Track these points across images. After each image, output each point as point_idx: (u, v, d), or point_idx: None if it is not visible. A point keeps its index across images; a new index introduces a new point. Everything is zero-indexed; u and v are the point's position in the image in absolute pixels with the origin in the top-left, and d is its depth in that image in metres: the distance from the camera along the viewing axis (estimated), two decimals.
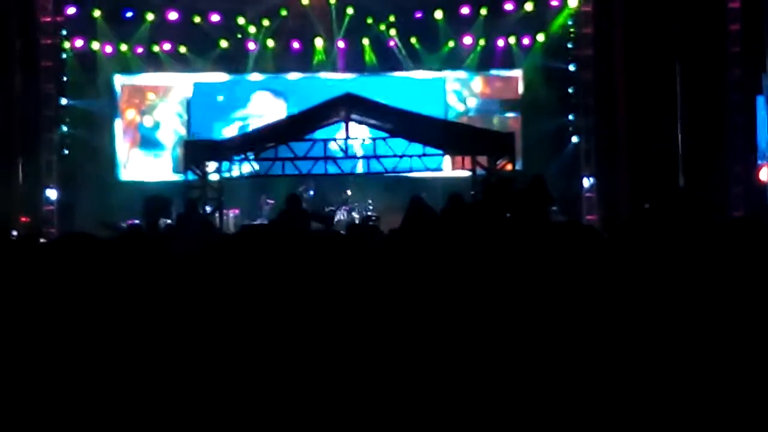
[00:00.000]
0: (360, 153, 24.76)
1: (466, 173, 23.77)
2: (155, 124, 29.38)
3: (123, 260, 6.09)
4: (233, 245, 5.72)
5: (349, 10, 28.33)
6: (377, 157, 23.88)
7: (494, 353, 4.30)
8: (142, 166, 29.22)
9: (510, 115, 29.54)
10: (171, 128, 29.25)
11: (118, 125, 29.34)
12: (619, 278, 5.29)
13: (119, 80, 29.28)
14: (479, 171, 22.52)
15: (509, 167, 22.40)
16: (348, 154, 23.49)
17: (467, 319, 4.79)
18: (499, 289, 5.21)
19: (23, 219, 26.56)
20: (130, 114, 29.38)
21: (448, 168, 26.64)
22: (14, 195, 26.68)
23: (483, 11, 28.58)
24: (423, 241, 8.72)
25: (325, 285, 4.27)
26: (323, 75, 28.90)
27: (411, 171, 23.67)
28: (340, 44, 28.76)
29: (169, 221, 17.00)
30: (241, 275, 5.93)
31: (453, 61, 29.27)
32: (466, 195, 19.56)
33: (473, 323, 4.69)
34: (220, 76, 29.12)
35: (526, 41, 29.04)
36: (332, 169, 24.16)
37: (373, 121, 23.43)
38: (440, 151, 23.68)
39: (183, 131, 28.80)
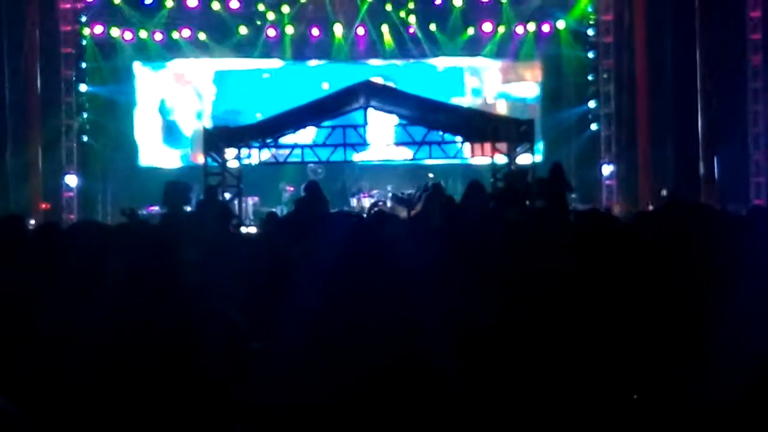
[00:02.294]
0: (379, 140, 24.71)
1: (486, 161, 23.71)
2: (174, 110, 29.40)
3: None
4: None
5: None
6: (396, 145, 23.83)
7: (512, 338, 4.28)
8: (162, 152, 29.26)
9: (529, 102, 29.49)
10: (190, 115, 29.27)
11: (138, 112, 29.38)
12: (638, 265, 5.27)
13: (138, 67, 29.31)
14: (498, 158, 22.45)
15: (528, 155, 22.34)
16: (367, 142, 23.43)
17: (483, 305, 4.79)
18: (518, 275, 5.20)
19: (43, 206, 26.64)
20: (150, 100, 29.40)
21: (468, 156, 26.61)
22: (34, 182, 26.75)
23: None
24: (443, 226, 8.71)
25: (347, 267, 4.26)
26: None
27: (430, 158, 23.63)
28: (360, 31, 28.72)
29: (189, 208, 16.99)
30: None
31: (472, 48, 29.21)
32: (486, 182, 19.51)
33: (491, 309, 4.68)
34: (240, 63, 29.12)
35: (546, 28, 28.95)
36: (351, 156, 24.13)
37: (392, 108, 23.38)
38: (460, 139, 23.60)
39: (203, 117, 28.81)
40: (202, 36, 28.65)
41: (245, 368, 4.16)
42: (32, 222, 22.24)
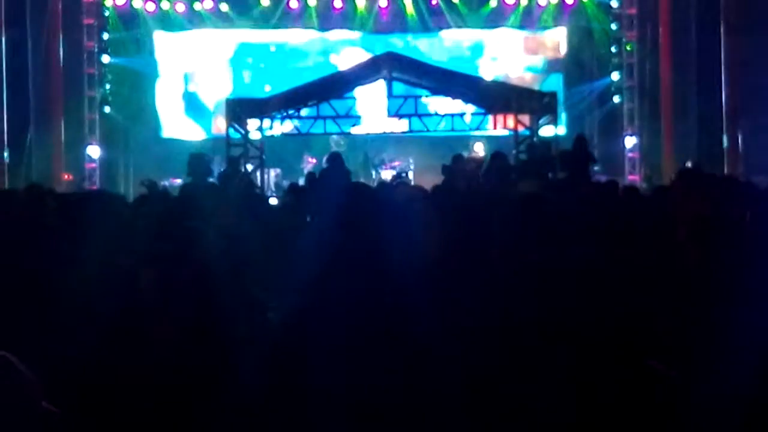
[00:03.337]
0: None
1: (508, 133, 23.68)
2: (197, 82, 29.40)
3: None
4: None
5: None
6: (419, 116, 23.78)
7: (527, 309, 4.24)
8: (184, 124, 29.26)
9: (552, 74, 29.37)
10: (212, 86, 29.24)
11: (160, 83, 29.38)
12: (662, 238, 5.23)
13: (160, 37, 29.28)
14: (522, 130, 22.38)
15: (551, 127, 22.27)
16: (390, 114, 23.38)
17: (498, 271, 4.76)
18: (538, 245, 5.16)
19: (65, 176, 26.69)
20: (172, 72, 29.38)
21: (490, 127, 26.52)
22: (56, 153, 26.81)
23: None
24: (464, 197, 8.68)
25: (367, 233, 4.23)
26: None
27: (452, 130, 23.58)
28: (382, 2, 28.61)
29: (211, 179, 17.01)
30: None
31: (495, 20, 29.08)
32: (509, 154, 19.46)
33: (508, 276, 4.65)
34: (262, 35, 29.08)
35: (569, 0, 28.80)
36: (373, 128, 24.09)
37: (415, 80, 23.31)
38: (482, 110, 23.54)
39: (224, 88, 28.77)
40: (224, 7, 28.60)
41: (262, 338, 4.15)
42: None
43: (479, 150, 24.63)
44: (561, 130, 24.31)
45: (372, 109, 23.72)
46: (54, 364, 2.99)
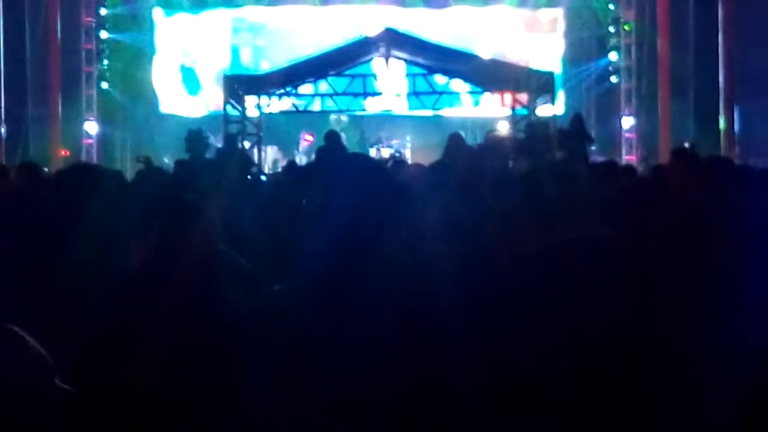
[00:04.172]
0: (396, 90, 24.65)
1: (506, 112, 23.68)
2: (194, 58, 29.36)
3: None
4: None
5: None
6: (416, 94, 23.77)
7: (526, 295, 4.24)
8: (182, 100, 29.24)
9: (550, 53, 29.36)
10: (210, 63, 29.20)
11: (157, 59, 29.34)
12: (657, 219, 5.23)
13: (159, 13, 29.22)
14: (518, 109, 22.40)
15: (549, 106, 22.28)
16: (386, 91, 23.39)
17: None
18: (534, 225, 5.17)
19: (62, 152, 26.67)
20: (169, 48, 29.35)
21: (487, 106, 26.49)
22: (54, 128, 26.78)
23: None
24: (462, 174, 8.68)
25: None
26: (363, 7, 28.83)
27: (450, 108, 23.62)
28: None
29: (209, 156, 17.03)
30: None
31: None
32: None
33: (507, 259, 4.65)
34: (261, 12, 29.04)
35: None
36: (370, 106, 24.07)
37: (412, 58, 23.30)
38: (480, 89, 23.55)
39: (222, 65, 28.73)
40: None
41: (261, 311, 4.15)
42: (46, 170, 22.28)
43: (503, 129, 24.61)
44: (558, 109, 24.31)
45: (364, 88, 23.67)
46: (52, 342, 3.00)
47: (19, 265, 5.04)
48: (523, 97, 22.22)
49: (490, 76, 22.84)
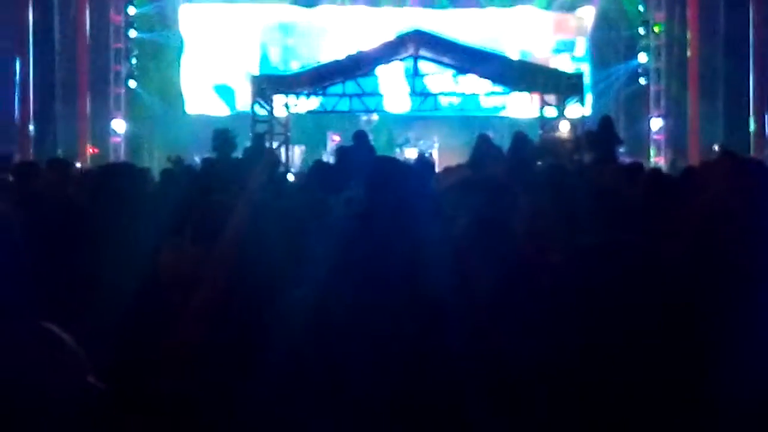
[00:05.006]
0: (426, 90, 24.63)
1: (534, 113, 23.64)
2: (221, 57, 29.37)
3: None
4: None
5: None
6: (444, 95, 23.73)
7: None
8: (209, 100, 29.28)
9: (579, 54, 29.28)
10: (238, 62, 29.21)
11: (185, 58, 29.38)
12: (686, 221, 5.17)
13: (186, 12, 29.26)
14: (547, 111, 22.36)
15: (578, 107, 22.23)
16: (415, 92, 23.38)
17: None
18: (561, 227, 5.13)
19: (90, 150, 26.76)
20: (197, 47, 29.38)
21: (515, 107, 26.45)
22: (82, 126, 26.86)
23: None
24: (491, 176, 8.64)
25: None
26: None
27: (477, 109, 23.59)
28: None
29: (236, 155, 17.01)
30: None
31: None
32: (533, 135, 19.41)
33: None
34: (290, 10, 29.03)
35: None
36: (397, 106, 24.05)
37: (441, 58, 23.28)
38: (508, 89, 23.51)
39: (251, 65, 28.74)
40: None
41: (286, 313, 4.12)
42: (78, 166, 22.34)
43: (564, 129, 24.42)
44: (587, 111, 24.24)
45: (393, 88, 23.68)
46: (83, 339, 3.00)
47: (49, 263, 5.04)
48: (552, 98, 22.16)
49: (518, 76, 22.81)
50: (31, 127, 24.40)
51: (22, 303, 2.95)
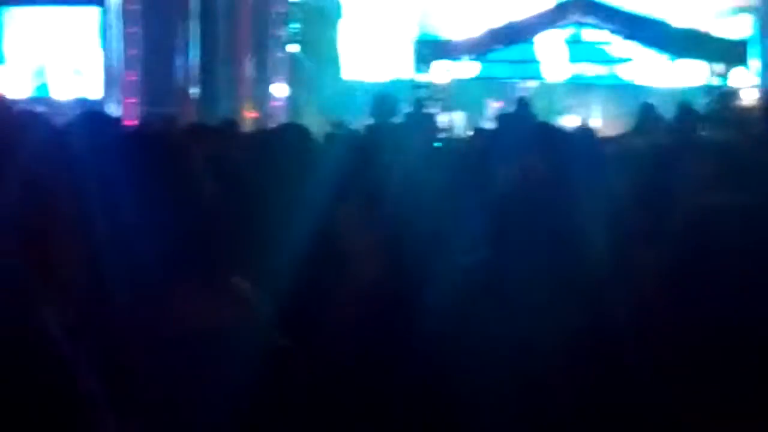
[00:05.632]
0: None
1: (697, 82, 23.17)
2: (381, 23, 29.36)
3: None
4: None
5: None
6: (605, 63, 23.40)
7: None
8: (367, 64, 29.32)
9: (745, 20, 28.53)
10: (397, 27, 29.17)
11: (343, 23, 29.48)
12: None
13: None
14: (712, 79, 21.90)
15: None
16: (576, 59, 23.11)
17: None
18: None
19: (251, 114, 27.06)
20: (356, 12, 29.43)
21: (678, 75, 25.94)
22: (243, 90, 27.18)
23: None
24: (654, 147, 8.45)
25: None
26: None
27: (639, 77, 23.22)
28: None
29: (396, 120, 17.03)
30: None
31: None
32: (698, 105, 19.01)
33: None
34: None
35: None
36: (556, 74, 23.78)
37: (604, 25, 22.96)
38: (673, 57, 23.09)
39: (410, 30, 28.66)
40: None
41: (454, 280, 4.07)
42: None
43: (747, 97, 23.72)
44: (754, 79, 23.64)
45: (553, 55, 23.43)
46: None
47: (215, 225, 5.06)
48: (717, 66, 21.69)
49: (682, 44, 22.40)
50: (196, 90, 24.79)
51: (213, 261, 3.00)
